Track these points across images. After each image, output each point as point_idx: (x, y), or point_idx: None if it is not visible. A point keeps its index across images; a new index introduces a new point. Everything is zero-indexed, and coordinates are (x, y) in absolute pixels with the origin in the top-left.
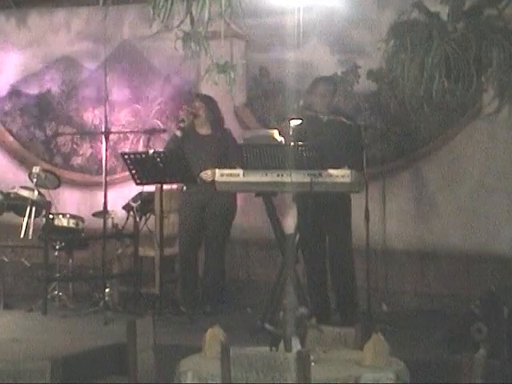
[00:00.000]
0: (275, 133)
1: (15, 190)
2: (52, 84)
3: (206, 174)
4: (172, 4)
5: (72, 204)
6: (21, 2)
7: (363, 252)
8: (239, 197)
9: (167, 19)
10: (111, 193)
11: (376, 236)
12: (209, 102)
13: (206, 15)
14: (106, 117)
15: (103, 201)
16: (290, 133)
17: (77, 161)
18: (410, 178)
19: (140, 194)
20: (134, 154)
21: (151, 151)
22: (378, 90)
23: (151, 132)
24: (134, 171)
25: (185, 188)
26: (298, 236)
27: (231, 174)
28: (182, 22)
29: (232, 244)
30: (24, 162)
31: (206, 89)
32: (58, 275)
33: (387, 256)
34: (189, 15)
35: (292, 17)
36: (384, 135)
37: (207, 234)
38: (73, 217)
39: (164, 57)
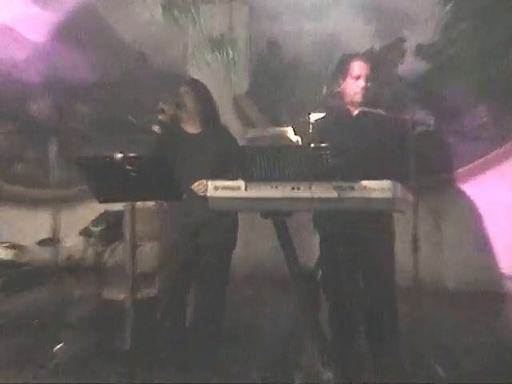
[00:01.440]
0: (288, 131)
1: None
2: None
3: (200, 186)
4: None
5: (12, 228)
6: None
7: (410, 294)
8: (240, 218)
9: None
10: (65, 213)
11: (428, 272)
12: (198, 88)
13: None
14: (60, 108)
15: (53, 224)
16: (310, 131)
17: (18, 169)
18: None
19: (104, 214)
20: (95, 159)
21: (119, 155)
22: (430, 71)
23: (120, 129)
24: (94, 183)
25: (166, 205)
26: (320, 272)
27: (229, 187)
28: None
29: (232, 283)
30: None
31: (194, 71)
32: None
33: (443, 299)
34: None
35: None
36: (439, 134)
37: (200, 269)
38: (12, 246)
39: (137, 27)
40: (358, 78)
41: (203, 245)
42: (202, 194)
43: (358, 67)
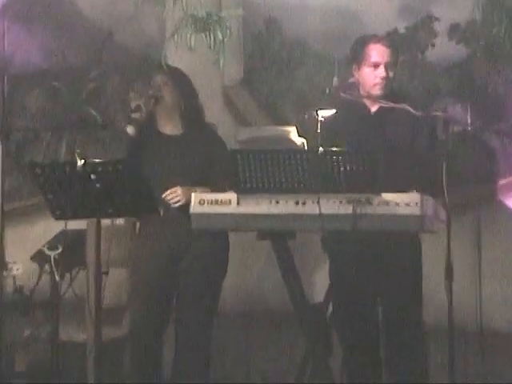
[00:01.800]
0: (292, 131)
1: None
2: None
3: (173, 194)
4: None
5: None
6: None
7: (442, 334)
8: (232, 240)
9: None
10: (13, 232)
11: (465, 308)
12: (179, 78)
13: None
14: (2, 100)
15: None
16: (318, 131)
17: None
18: None
19: (62, 234)
20: (51, 165)
21: (80, 161)
22: (468, 57)
23: (81, 129)
24: (50, 195)
25: (138, 223)
26: (330, 307)
27: (218, 202)
28: None
29: (222, 320)
30: None
31: (173, 57)
32: None
33: (484, 341)
34: None
35: None
36: (479, 135)
37: (180, 303)
38: None
39: (104, 1)
40: (376, 65)
41: (185, 273)
42: (177, 204)
43: (377, 53)
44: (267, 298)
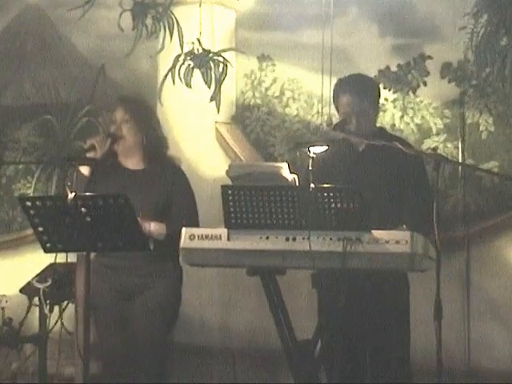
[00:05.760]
0: (283, 168)
1: None
2: None
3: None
4: None
5: None
6: None
7: (431, 373)
8: (221, 275)
9: None
10: (2, 264)
11: (453, 347)
12: (140, 112)
13: None
14: None
15: None
16: (310, 167)
17: None
18: None
19: (51, 267)
20: (42, 198)
21: (71, 194)
22: (460, 97)
23: (72, 162)
24: (40, 229)
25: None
26: (319, 344)
27: (208, 236)
28: None
29: (207, 359)
30: None
31: (168, 93)
32: None
33: (473, 381)
34: None
35: None
36: (470, 176)
37: (132, 336)
38: None
39: (96, 35)
40: (347, 115)
41: (139, 313)
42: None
43: (346, 103)
44: (254, 335)
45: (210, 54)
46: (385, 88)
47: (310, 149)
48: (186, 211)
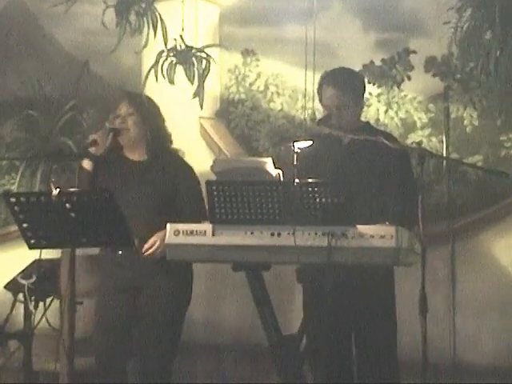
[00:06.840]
0: (268, 163)
1: None
2: None
3: (152, 247)
4: None
5: None
6: None
7: (416, 368)
8: (206, 271)
9: None
10: None
11: (438, 341)
12: (145, 106)
13: None
14: None
15: None
16: (295, 162)
17: None
18: (500, 244)
19: (36, 263)
20: (26, 194)
21: (55, 190)
22: (444, 91)
23: (55, 159)
24: (25, 225)
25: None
26: (304, 339)
27: (193, 232)
28: None
29: (193, 353)
30: None
31: (153, 88)
32: None
33: (458, 375)
34: None
35: None
36: (455, 169)
37: (140, 335)
38: None
39: (80, 31)
40: (329, 108)
41: (145, 304)
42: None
43: (329, 96)
44: (239, 330)
45: (193, 50)
46: (369, 83)
47: (295, 144)
48: (195, 203)
